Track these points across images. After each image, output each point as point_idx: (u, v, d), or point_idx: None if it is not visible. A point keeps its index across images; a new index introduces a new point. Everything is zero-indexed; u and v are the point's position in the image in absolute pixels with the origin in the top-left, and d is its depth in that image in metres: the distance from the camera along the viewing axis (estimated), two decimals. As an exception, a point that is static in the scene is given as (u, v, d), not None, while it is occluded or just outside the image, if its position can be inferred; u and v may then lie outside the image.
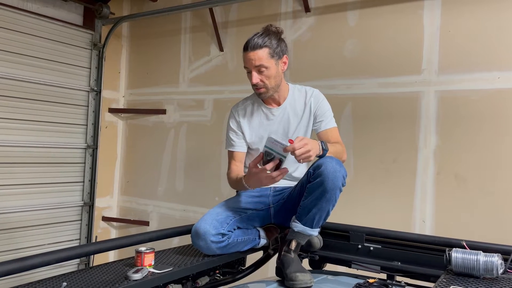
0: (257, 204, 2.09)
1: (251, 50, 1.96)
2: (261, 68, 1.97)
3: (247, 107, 2.18)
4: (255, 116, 2.15)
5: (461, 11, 2.81)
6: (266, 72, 1.98)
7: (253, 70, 1.98)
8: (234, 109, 2.20)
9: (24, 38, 3.73)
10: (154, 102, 4.31)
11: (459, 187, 2.77)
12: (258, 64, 1.96)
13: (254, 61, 1.96)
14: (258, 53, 1.95)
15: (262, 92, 2.03)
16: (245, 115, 2.17)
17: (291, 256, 1.89)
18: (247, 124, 2.15)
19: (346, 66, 3.22)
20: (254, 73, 1.98)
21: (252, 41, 1.96)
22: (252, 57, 1.96)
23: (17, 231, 3.73)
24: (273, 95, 2.08)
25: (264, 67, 1.97)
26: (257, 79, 1.98)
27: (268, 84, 2.01)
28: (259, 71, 1.98)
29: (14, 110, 3.68)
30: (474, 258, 1.55)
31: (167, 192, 4.15)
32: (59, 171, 4.04)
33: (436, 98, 2.87)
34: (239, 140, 2.15)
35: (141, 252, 1.68)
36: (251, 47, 1.96)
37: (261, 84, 2.00)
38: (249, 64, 1.98)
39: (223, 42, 3.84)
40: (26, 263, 1.40)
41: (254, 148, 2.15)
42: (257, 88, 2.03)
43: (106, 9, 4.17)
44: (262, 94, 2.05)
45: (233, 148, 2.16)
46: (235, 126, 2.16)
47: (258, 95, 2.08)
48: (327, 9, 3.33)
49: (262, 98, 2.10)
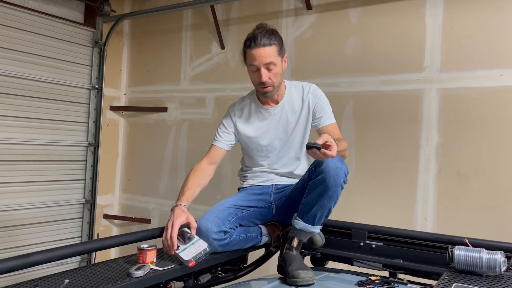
0: (259, 202, 2.09)
1: (261, 47, 1.89)
2: (271, 66, 1.92)
3: (245, 107, 2.16)
4: (253, 115, 2.13)
5: (464, 9, 2.80)
6: (274, 70, 1.94)
7: (262, 67, 1.92)
8: (231, 109, 2.18)
9: (25, 36, 3.72)
10: (155, 100, 4.30)
11: (461, 185, 2.76)
12: (268, 61, 1.91)
13: (264, 58, 1.90)
14: (267, 50, 1.90)
15: (269, 91, 1.98)
16: (242, 115, 2.14)
17: (293, 254, 1.89)
18: (245, 123, 2.13)
19: (347, 64, 3.21)
20: (263, 70, 1.92)
21: (260, 38, 1.89)
22: (262, 53, 1.90)
23: (19, 228, 3.74)
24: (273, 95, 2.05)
25: (273, 64, 1.92)
26: (266, 76, 1.92)
27: (275, 82, 1.97)
28: (268, 68, 1.92)
29: (15, 108, 3.68)
30: (477, 256, 1.55)
31: (169, 190, 4.15)
32: (61, 169, 4.04)
33: (438, 96, 2.86)
34: (224, 138, 2.12)
35: (143, 249, 1.68)
36: (260, 43, 1.89)
37: (270, 82, 1.95)
38: (258, 61, 1.91)
39: (225, 39, 3.83)
40: (29, 260, 1.40)
41: (253, 145, 2.14)
42: (265, 86, 1.96)
43: (107, 6, 4.17)
44: (269, 93, 2.00)
45: (215, 142, 2.12)
46: (227, 124, 2.14)
47: (264, 94, 2.01)
48: (328, 6, 3.32)
49: (267, 97, 2.04)
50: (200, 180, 2.03)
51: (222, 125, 2.15)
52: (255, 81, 1.99)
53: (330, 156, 1.61)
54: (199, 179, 2.03)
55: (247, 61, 1.97)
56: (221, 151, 2.12)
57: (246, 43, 1.95)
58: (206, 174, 2.07)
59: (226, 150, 2.14)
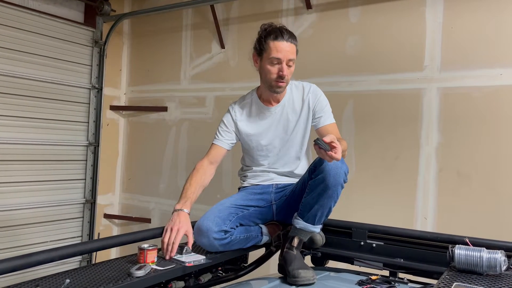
0: (259, 201, 2.09)
1: (289, 41, 1.91)
2: (290, 63, 1.95)
3: (245, 105, 2.16)
4: (254, 114, 2.13)
5: (464, 8, 2.80)
6: (291, 68, 1.97)
7: (285, 61, 1.92)
8: (232, 108, 2.18)
9: (25, 35, 3.72)
10: (156, 99, 4.30)
11: (461, 184, 2.76)
12: (292, 57, 1.94)
13: (289, 53, 1.92)
14: (292, 46, 1.94)
15: (283, 86, 1.99)
16: (243, 114, 2.14)
17: (294, 253, 1.90)
18: (246, 122, 2.13)
19: (347, 63, 3.21)
20: (284, 65, 1.93)
21: (287, 34, 1.91)
22: (288, 48, 1.91)
23: (19, 228, 3.74)
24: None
25: (293, 62, 1.96)
26: (286, 71, 1.93)
27: (288, 79, 1.99)
28: (288, 64, 1.94)
29: (15, 107, 3.68)
30: (477, 255, 1.55)
31: (169, 189, 4.15)
32: (61, 169, 4.04)
33: (439, 95, 2.86)
34: (225, 137, 2.12)
35: (144, 249, 1.68)
36: (288, 39, 1.91)
37: (287, 79, 1.96)
38: (283, 55, 1.91)
39: (225, 39, 3.83)
40: (31, 260, 1.40)
41: (253, 144, 2.14)
42: (281, 81, 1.96)
43: (107, 6, 4.16)
44: (281, 89, 2.00)
45: (215, 141, 2.13)
46: (228, 123, 2.14)
47: (277, 89, 1.99)
48: (328, 5, 3.32)
49: (278, 92, 2.03)
50: (202, 181, 2.05)
51: (222, 124, 2.15)
52: (272, 75, 1.96)
53: (336, 159, 1.62)
54: (201, 180, 2.05)
55: (268, 52, 1.94)
56: (221, 150, 2.12)
57: (269, 35, 1.92)
58: (207, 174, 2.09)
59: (227, 150, 2.14)
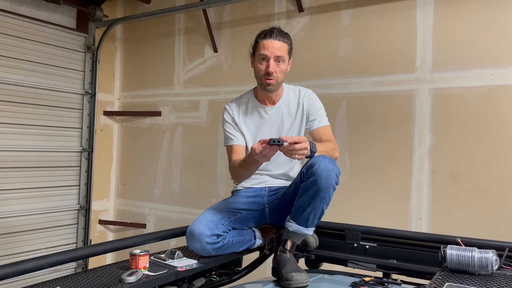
0: (252, 205, 2.08)
1: (277, 39, 1.96)
2: (279, 60, 1.98)
3: (241, 105, 2.17)
4: (250, 114, 2.15)
5: (454, 9, 2.82)
6: (281, 66, 2.00)
7: (272, 58, 1.97)
8: (228, 106, 2.19)
9: (17, 42, 3.71)
10: (149, 104, 4.30)
11: (454, 185, 2.77)
12: (279, 54, 1.97)
13: (276, 50, 1.96)
14: (281, 44, 1.98)
15: (272, 83, 2.01)
16: (239, 112, 2.16)
17: (287, 256, 1.89)
18: (242, 121, 2.15)
19: (340, 66, 3.22)
20: (272, 62, 1.97)
21: (276, 33, 1.97)
22: (276, 45, 1.96)
23: (13, 235, 3.71)
24: (272, 93, 2.08)
25: (282, 59, 1.99)
26: (273, 68, 1.97)
27: (278, 78, 2.01)
28: (276, 61, 1.98)
29: (8, 114, 3.66)
30: (469, 255, 1.55)
31: (164, 194, 4.14)
32: (55, 175, 4.02)
33: (430, 96, 2.87)
34: (237, 133, 2.13)
35: (136, 254, 1.68)
36: (276, 37, 1.96)
37: (275, 76, 1.99)
38: (270, 51, 1.96)
39: (217, 43, 3.83)
40: (19, 268, 1.39)
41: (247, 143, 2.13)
42: (269, 78, 1.99)
43: (99, 11, 4.16)
44: (270, 86, 2.02)
45: (232, 142, 2.13)
46: (230, 120, 2.15)
47: (266, 86, 2.02)
48: (320, 8, 3.33)
49: (268, 91, 2.05)
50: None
51: (226, 124, 2.16)
52: (260, 72, 2.01)
53: (299, 150, 1.64)
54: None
55: (257, 51, 2.01)
56: (242, 148, 2.12)
57: (260, 35, 2.01)
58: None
59: (244, 146, 2.13)
